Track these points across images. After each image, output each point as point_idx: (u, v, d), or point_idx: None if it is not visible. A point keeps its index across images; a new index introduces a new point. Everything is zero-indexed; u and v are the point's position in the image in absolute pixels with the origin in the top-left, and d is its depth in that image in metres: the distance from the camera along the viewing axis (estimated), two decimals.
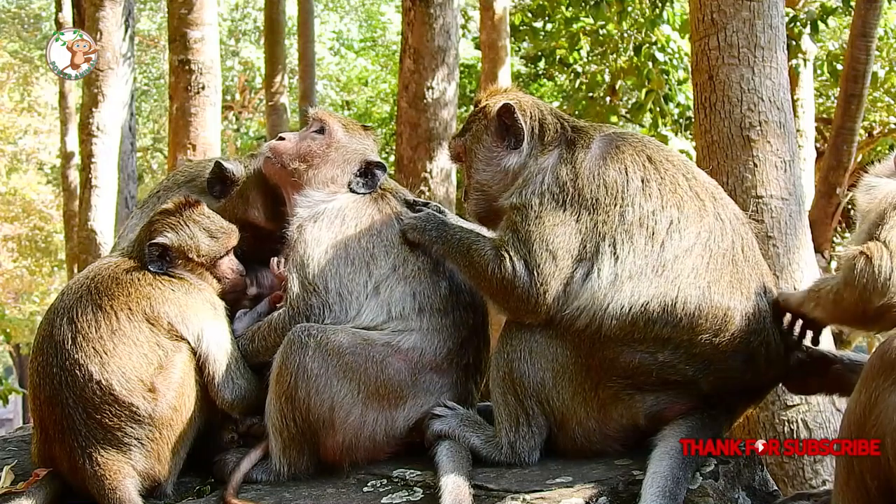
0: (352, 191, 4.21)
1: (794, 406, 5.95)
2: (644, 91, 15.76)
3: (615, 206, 3.61)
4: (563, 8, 16.35)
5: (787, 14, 11.95)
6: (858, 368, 3.70)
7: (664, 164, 3.73)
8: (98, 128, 11.57)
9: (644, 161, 3.71)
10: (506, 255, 3.63)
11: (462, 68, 20.00)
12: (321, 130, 4.29)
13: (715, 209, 3.70)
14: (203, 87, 11.58)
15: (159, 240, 4.02)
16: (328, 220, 4.07)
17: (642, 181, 3.65)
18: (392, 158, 11.95)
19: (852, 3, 12.50)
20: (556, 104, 20.56)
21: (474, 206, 4.01)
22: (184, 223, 4.09)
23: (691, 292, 3.50)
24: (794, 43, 12.86)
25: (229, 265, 4.18)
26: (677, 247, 3.56)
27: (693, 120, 6.84)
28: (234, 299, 4.22)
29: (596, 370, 3.59)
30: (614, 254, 3.56)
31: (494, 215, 3.95)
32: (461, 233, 3.90)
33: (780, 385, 4.06)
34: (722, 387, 3.60)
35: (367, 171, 4.24)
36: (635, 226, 3.58)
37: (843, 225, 17.34)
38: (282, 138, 4.28)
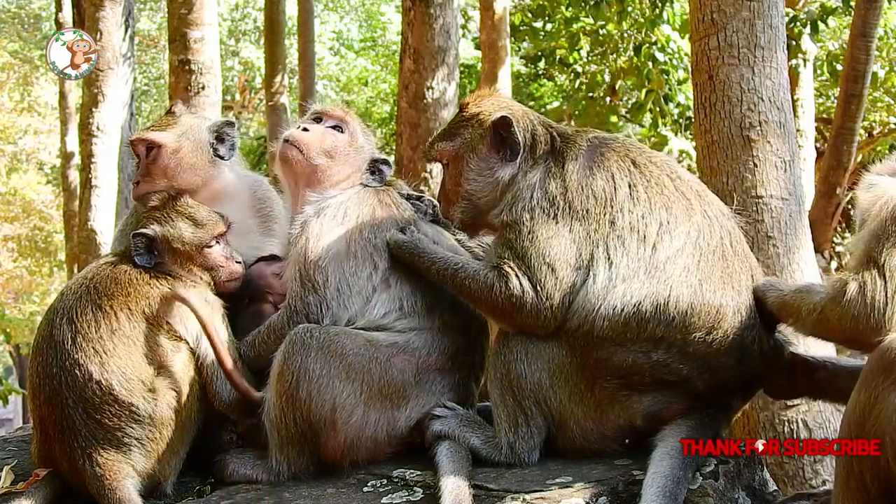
0: (363, 186, 4.21)
1: (794, 406, 5.95)
2: (644, 91, 15.76)
3: (605, 214, 3.64)
4: (563, 8, 16.35)
5: (787, 14, 11.95)
6: (843, 372, 3.69)
7: (648, 166, 3.77)
8: (98, 128, 11.56)
9: (629, 166, 3.74)
10: (510, 272, 3.64)
11: (462, 68, 19.98)
12: (339, 128, 4.26)
13: (702, 207, 3.74)
14: (203, 87, 11.57)
15: (142, 230, 4.03)
16: (330, 215, 4.07)
17: (629, 186, 3.69)
18: (392, 158, 11.94)
19: (852, 3, 12.51)
20: (555, 104, 20.63)
21: (461, 213, 3.98)
22: (168, 215, 4.09)
23: (683, 290, 3.52)
24: (794, 43, 12.86)
25: (221, 253, 4.14)
26: (668, 248, 3.58)
27: (693, 120, 6.84)
28: (233, 290, 4.18)
29: (591, 370, 3.59)
30: (608, 259, 3.59)
31: (480, 224, 3.99)
32: (453, 255, 3.90)
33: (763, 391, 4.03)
34: (718, 385, 3.61)
35: (375, 168, 4.26)
36: (627, 231, 3.61)
37: (843, 225, 17.34)
38: (306, 129, 4.22)
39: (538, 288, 3.60)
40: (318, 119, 4.31)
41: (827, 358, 3.81)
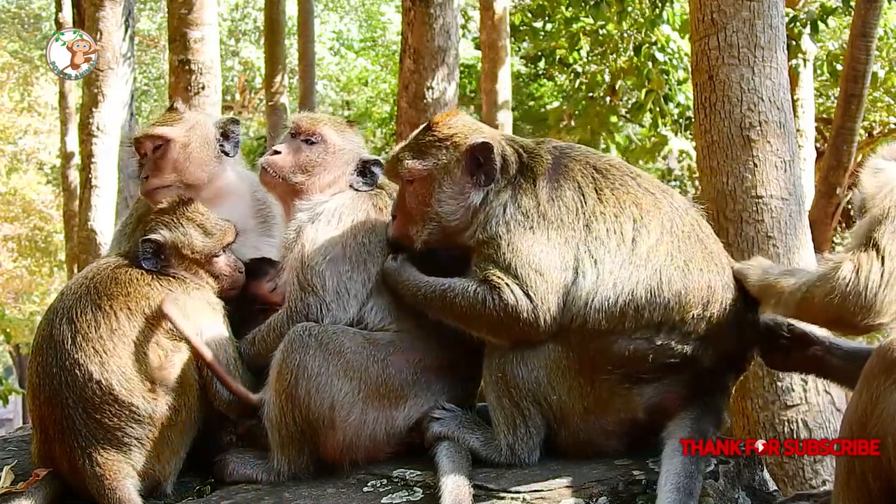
0: (354, 190, 4.21)
1: (794, 406, 5.96)
2: (644, 91, 15.77)
3: (579, 220, 3.69)
4: (563, 8, 16.36)
5: (787, 14, 11.95)
6: (838, 351, 3.73)
7: (610, 170, 3.84)
8: (98, 128, 11.55)
9: (592, 172, 3.81)
10: (500, 283, 3.62)
11: (462, 68, 20.00)
12: (311, 140, 4.24)
13: (667, 199, 3.81)
14: (203, 87, 11.57)
15: (152, 236, 4.03)
16: (325, 220, 4.07)
17: (596, 191, 3.75)
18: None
19: (852, 3, 12.51)
20: (555, 104, 20.63)
21: (428, 235, 3.90)
22: (178, 220, 4.09)
23: (673, 272, 3.59)
24: (794, 43, 12.87)
25: (227, 262, 4.17)
26: (647, 240, 3.65)
27: (693, 120, 6.85)
28: (234, 298, 4.21)
29: (590, 363, 3.60)
30: (592, 258, 3.63)
31: (442, 245, 3.92)
32: (436, 279, 3.82)
33: (762, 362, 4.06)
34: (723, 357, 3.65)
35: (365, 170, 4.25)
36: (604, 232, 3.66)
37: (843, 225, 17.34)
38: (277, 152, 4.21)
39: (531, 294, 3.59)
40: (294, 133, 4.28)
41: (825, 336, 3.82)
